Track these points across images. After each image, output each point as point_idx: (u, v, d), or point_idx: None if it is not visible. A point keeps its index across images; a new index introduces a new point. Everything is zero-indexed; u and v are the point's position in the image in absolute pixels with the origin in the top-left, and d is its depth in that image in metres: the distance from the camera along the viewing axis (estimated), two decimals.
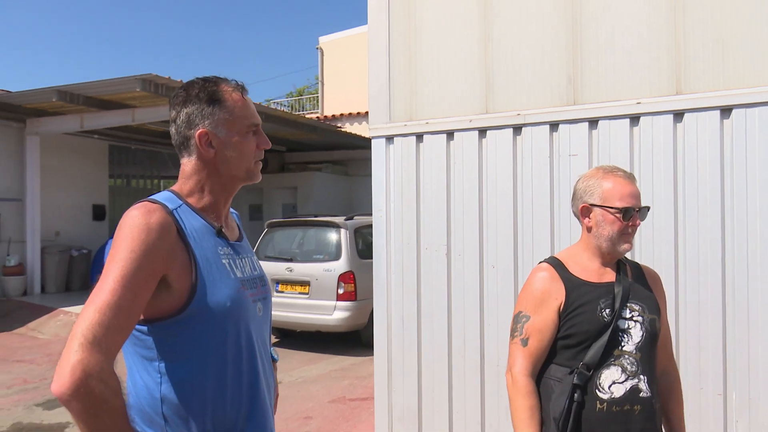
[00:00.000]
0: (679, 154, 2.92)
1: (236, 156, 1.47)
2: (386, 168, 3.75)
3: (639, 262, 2.02)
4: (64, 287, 11.60)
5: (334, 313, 7.30)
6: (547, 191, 3.22)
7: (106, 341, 1.17)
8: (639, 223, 1.86)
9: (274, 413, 1.68)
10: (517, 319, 1.88)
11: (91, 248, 12.04)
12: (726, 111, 2.82)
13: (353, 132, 12.91)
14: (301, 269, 7.61)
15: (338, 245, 7.57)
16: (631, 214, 1.82)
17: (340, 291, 7.28)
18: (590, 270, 1.88)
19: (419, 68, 3.64)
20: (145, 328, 1.34)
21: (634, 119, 3.01)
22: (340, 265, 7.39)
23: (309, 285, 7.47)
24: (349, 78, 15.79)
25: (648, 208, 1.88)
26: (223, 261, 1.43)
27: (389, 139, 3.73)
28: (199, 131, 1.44)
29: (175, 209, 1.39)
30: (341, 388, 6.03)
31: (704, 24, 2.88)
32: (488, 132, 3.42)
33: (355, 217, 8.05)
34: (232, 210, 1.68)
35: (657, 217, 2.94)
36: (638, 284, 1.90)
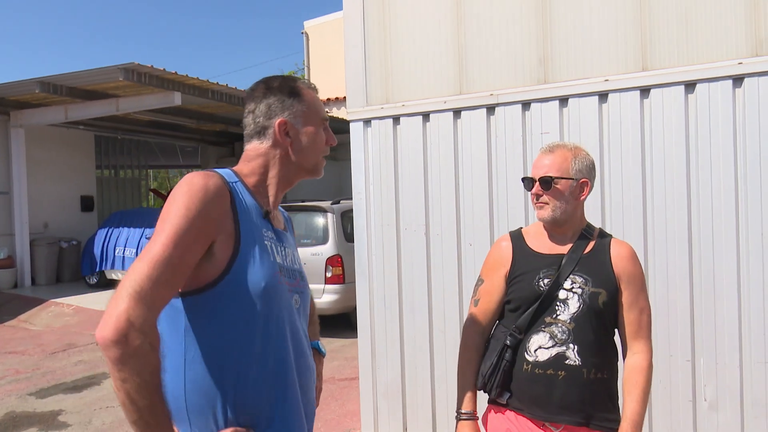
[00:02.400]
0: (647, 129, 3.00)
1: (309, 147, 1.53)
2: (365, 151, 3.80)
3: (613, 237, 2.00)
4: (54, 279, 11.62)
5: (323, 297, 7.39)
6: (520, 169, 3.29)
7: (152, 295, 1.18)
8: (541, 192, 1.89)
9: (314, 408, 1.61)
10: (477, 282, 2.06)
11: (81, 239, 12.05)
12: (690, 86, 2.90)
13: (340, 116, 12.92)
14: None
15: (325, 229, 7.64)
16: (528, 184, 1.94)
17: (328, 274, 7.36)
18: (545, 242, 1.97)
19: (394, 51, 3.69)
20: (179, 300, 1.33)
21: (603, 96, 3.08)
22: (328, 249, 7.47)
23: None
24: (335, 62, 15.72)
25: (550, 178, 1.87)
26: (266, 242, 1.42)
27: (367, 122, 3.78)
28: (279, 120, 1.49)
29: (232, 182, 1.42)
30: (330, 368, 6.14)
31: (667, 0, 2.94)
32: (463, 113, 3.48)
33: (341, 201, 8.10)
34: (282, 210, 1.70)
35: (626, 191, 3.02)
36: (594, 258, 1.90)
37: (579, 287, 1.86)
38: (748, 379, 2.81)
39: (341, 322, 7.75)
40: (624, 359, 1.92)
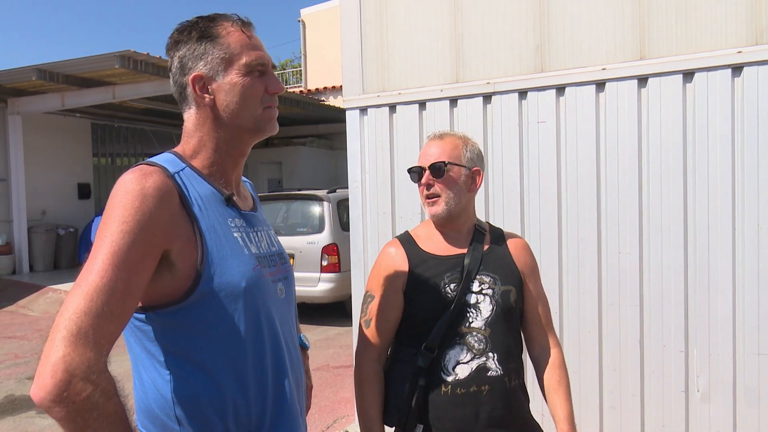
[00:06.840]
0: (644, 119, 2.97)
1: (238, 100, 1.24)
2: (361, 139, 3.78)
3: (504, 229, 1.90)
4: (52, 265, 11.63)
5: (319, 285, 7.40)
6: (516, 158, 3.28)
7: (95, 333, 0.96)
8: (432, 181, 1.71)
9: (307, 409, 1.49)
10: (364, 298, 1.76)
11: (78, 226, 12.05)
12: (688, 75, 2.87)
13: (337, 105, 12.88)
14: (285, 242, 7.58)
15: (321, 218, 7.63)
16: (416, 175, 1.73)
17: (324, 263, 7.36)
18: (440, 243, 1.75)
19: (391, 39, 3.66)
20: (146, 317, 1.15)
21: (600, 85, 3.06)
22: (324, 238, 7.46)
23: (293, 258, 7.55)
24: (331, 50, 15.63)
25: (443, 164, 1.70)
26: (235, 234, 1.22)
27: (363, 110, 3.76)
28: (192, 75, 1.23)
29: (177, 173, 1.19)
30: (325, 356, 6.16)
31: None
32: (459, 101, 3.45)
33: (337, 190, 8.09)
34: (245, 179, 1.48)
35: (622, 180, 3.01)
36: (495, 254, 1.75)
37: (489, 288, 1.68)
38: (741, 370, 2.81)
39: (337, 310, 7.77)
40: (531, 353, 1.82)
